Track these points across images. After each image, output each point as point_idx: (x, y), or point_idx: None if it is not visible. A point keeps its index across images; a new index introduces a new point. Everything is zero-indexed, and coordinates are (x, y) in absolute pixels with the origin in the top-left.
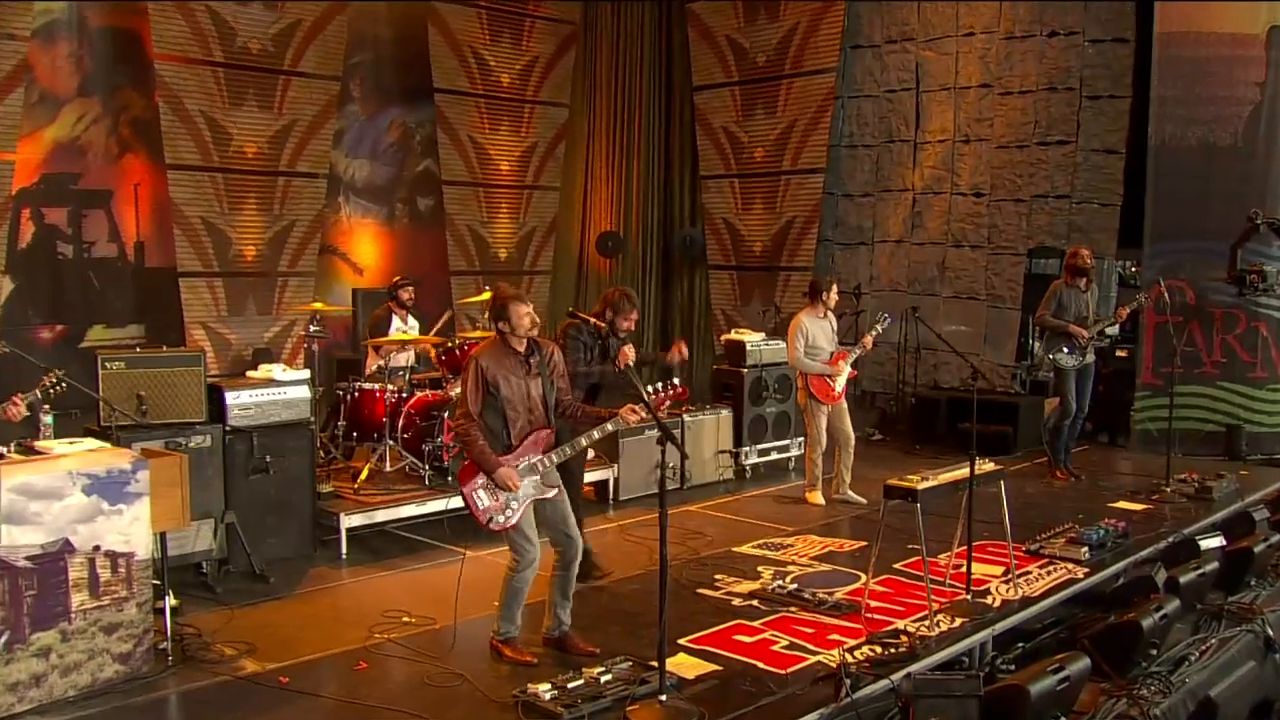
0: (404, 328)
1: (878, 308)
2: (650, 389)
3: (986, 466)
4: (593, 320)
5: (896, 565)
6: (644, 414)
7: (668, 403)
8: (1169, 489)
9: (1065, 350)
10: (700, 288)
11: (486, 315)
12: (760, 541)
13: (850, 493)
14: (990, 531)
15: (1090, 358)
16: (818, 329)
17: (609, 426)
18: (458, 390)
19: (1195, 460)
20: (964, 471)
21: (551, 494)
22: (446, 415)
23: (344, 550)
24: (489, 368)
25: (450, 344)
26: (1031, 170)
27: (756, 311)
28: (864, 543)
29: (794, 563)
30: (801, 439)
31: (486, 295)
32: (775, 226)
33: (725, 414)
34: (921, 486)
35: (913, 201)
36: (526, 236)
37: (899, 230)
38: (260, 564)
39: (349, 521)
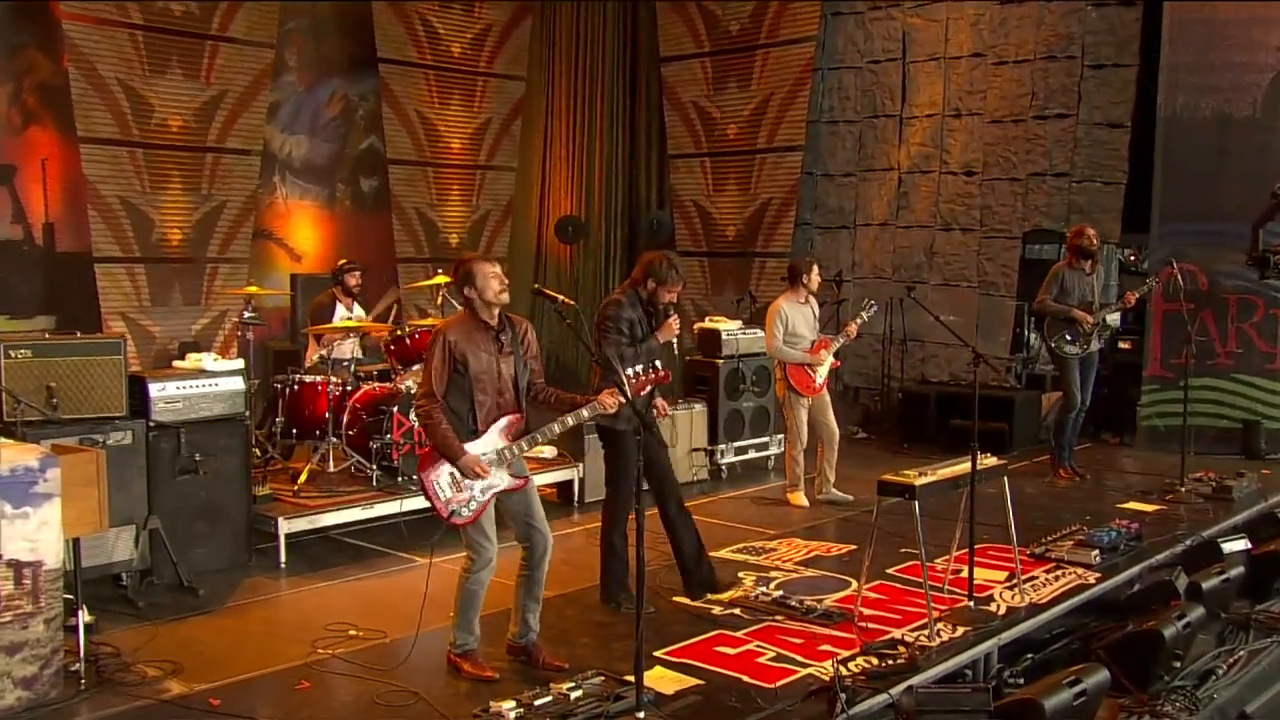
0: (349, 316)
1: (861, 296)
2: (630, 372)
3: (988, 461)
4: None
5: (890, 570)
6: (622, 398)
7: (648, 387)
8: (1184, 489)
9: (1068, 338)
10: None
11: (437, 303)
12: (740, 546)
13: (835, 492)
14: (990, 534)
15: (1095, 346)
16: (798, 315)
17: (585, 413)
18: (408, 383)
19: (1209, 459)
20: (964, 467)
21: (518, 484)
22: (396, 409)
23: (283, 558)
24: (457, 342)
25: (400, 332)
26: (1028, 146)
27: (730, 301)
28: (853, 546)
29: (778, 568)
30: (781, 436)
31: (439, 279)
32: (750, 209)
33: (699, 409)
34: (919, 482)
35: (898, 181)
36: (480, 221)
37: (883, 213)
38: (188, 574)
39: (288, 527)
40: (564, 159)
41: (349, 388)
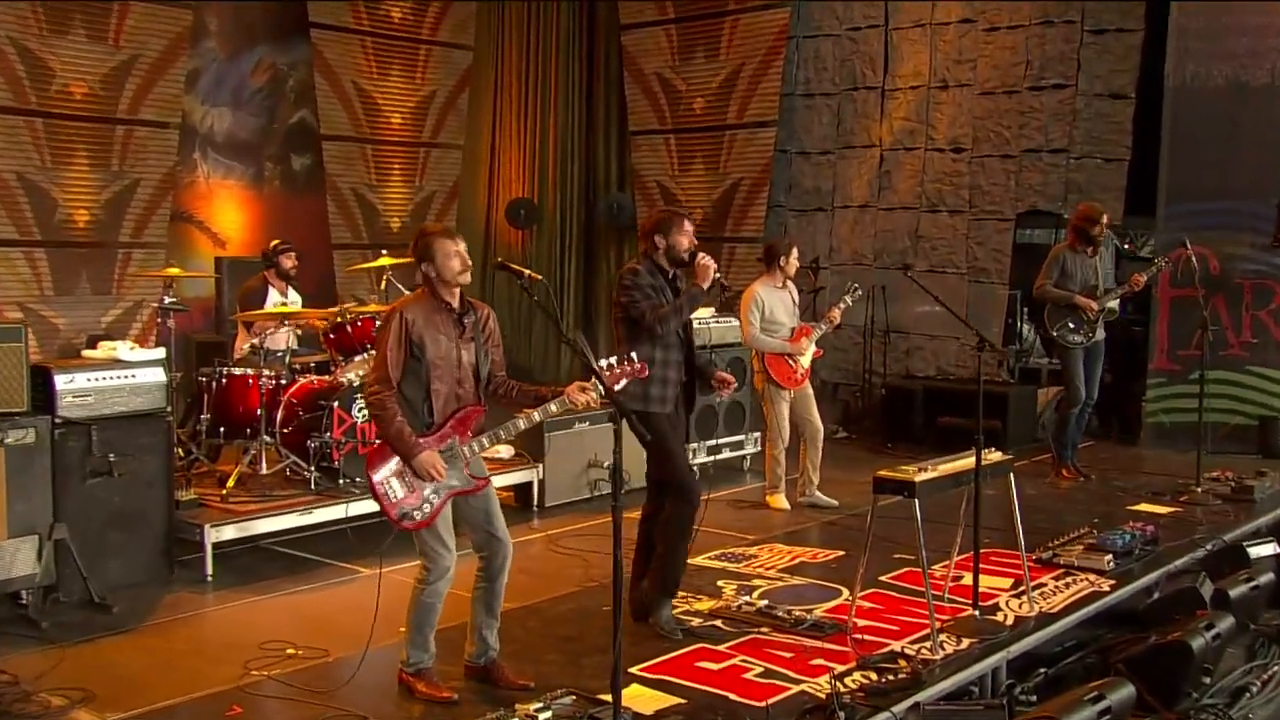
0: (284, 302)
1: (839, 284)
2: (605, 363)
3: (993, 456)
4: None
5: (884, 578)
6: (594, 393)
7: (623, 380)
8: (1200, 489)
9: (1071, 326)
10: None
11: (380, 287)
12: (717, 552)
13: (819, 495)
14: (991, 538)
15: (1100, 335)
16: (775, 300)
17: (552, 408)
18: (350, 376)
19: (1224, 458)
20: (968, 462)
21: (477, 486)
22: (337, 404)
23: (209, 571)
24: (415, 321)
25: (341, 319)
26: (1022, 120)
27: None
28: (840, 552)
29: (760, 576)
30: (759, 434)
31: (383, 261)
32: (718, 190)
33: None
34: (920, 479)
35: (880, 159)
36: (424, 203)
37: (864, 193)
38: (100, 590)
39: (216, 535)
40: (515, 136)
41: (283, 381)
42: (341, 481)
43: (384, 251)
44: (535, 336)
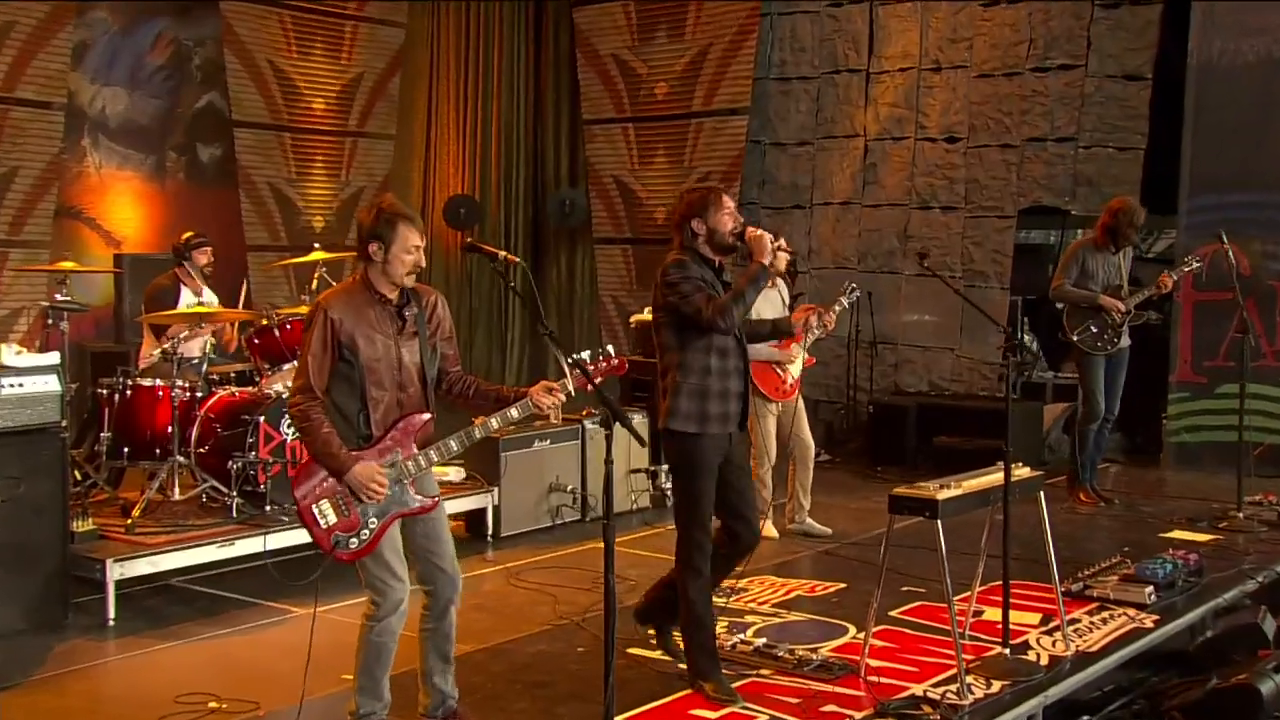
0: (200, 302)
1: (822, 289)
2: (573, 359)
3: (1021, 473)
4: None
5: (893, 612)
6: (563, 394)
7: (599, 379)
8: (1242, 514)
9: (1093, 330)
10: (583, 268)
11: (312, 286)
12: None
13: (811, 521)
14: (1015, 568)
15: (1125, 342)
16: (763, 301)
17: (513, 413)
18: (278, 387)
19: (1260, 481)
20: (994, 478)
21: (425, 507)
22: (263, 419)
23: (111, 614)
24: (342, 320)
25: (266, 321)
26: (1024, 106)
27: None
28: (841, 584)
29: (753, 612)
30: None
31: (316, 255)
32: (683, 187)
33: (638, 420)
34: (943, 497)
35: (865, 151)
36: (351, 200)
37: (847, 188)
38: None
39: (119, 572)
40: (453, 125)
41: (199, 394)
42: (268, 508)
43: (316, 245)
44: (478, 338)
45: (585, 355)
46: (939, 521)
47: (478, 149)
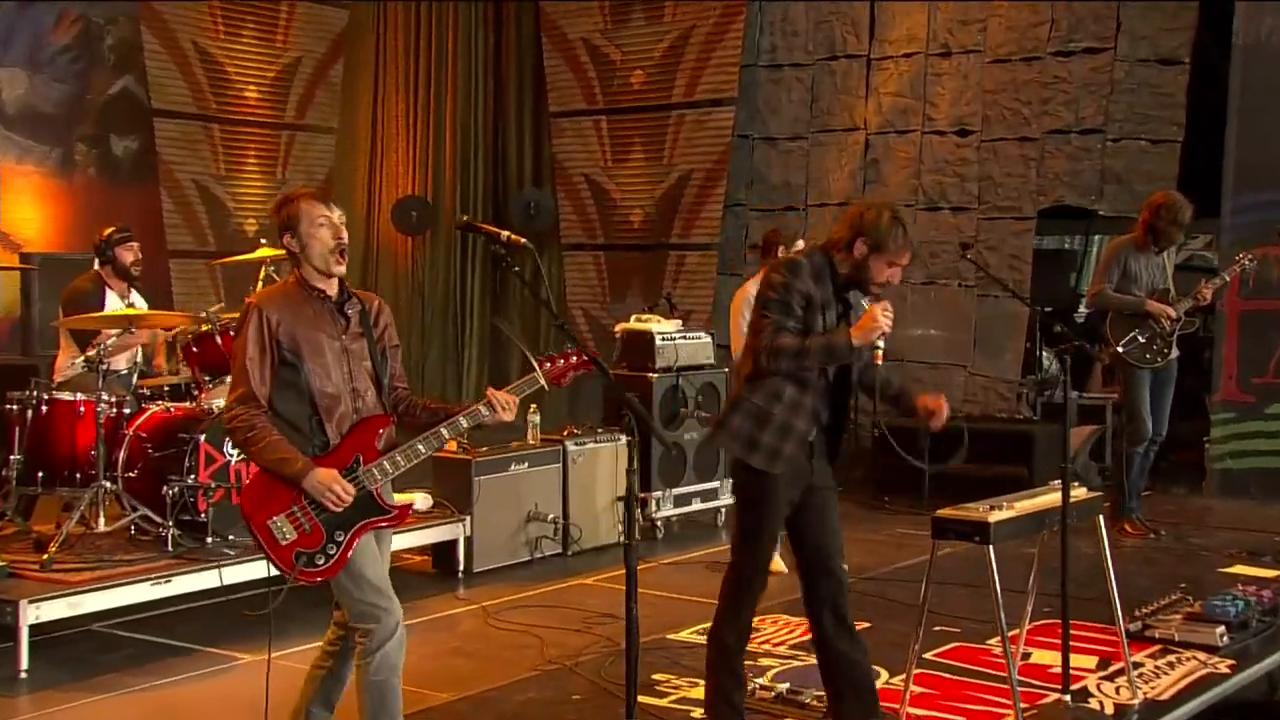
0: (130, 304)
1: None
2: (544, 354)
3: (1079, 494)
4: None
5: (927, 655)
6: (514, 396)
7: (569, 375)
8: None
9: (1141, 340)
10: (551, 277)
11: (256, 288)
12: (706, 625)
13: None
14: (1054, 605)
15: (1174, 353)
16: None
17: (463, 422)
18: (218, 400)
19: None
20: (1051, 499)
21: (391, 518)
22: (204, 438)
23: (24, 664)
24: (280, 321)
25: (206, 327)
26: (1045, 94)
27: (637, 308)
28: (864, 623)
29: (769, 654)
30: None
31: (263, 252)
32: (663, 185)
33: (624, 443)
34: (995, 519)
35: (865, 145)
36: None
37: (845, 187)
38: None
39: (34, 615)
40: (403, 118)
41: (127, 410)
42: (210, 540)
43: (263, 241)
44: (432, 354)
45: (546, 354)
46: (990, 548)
47: (430, 145)
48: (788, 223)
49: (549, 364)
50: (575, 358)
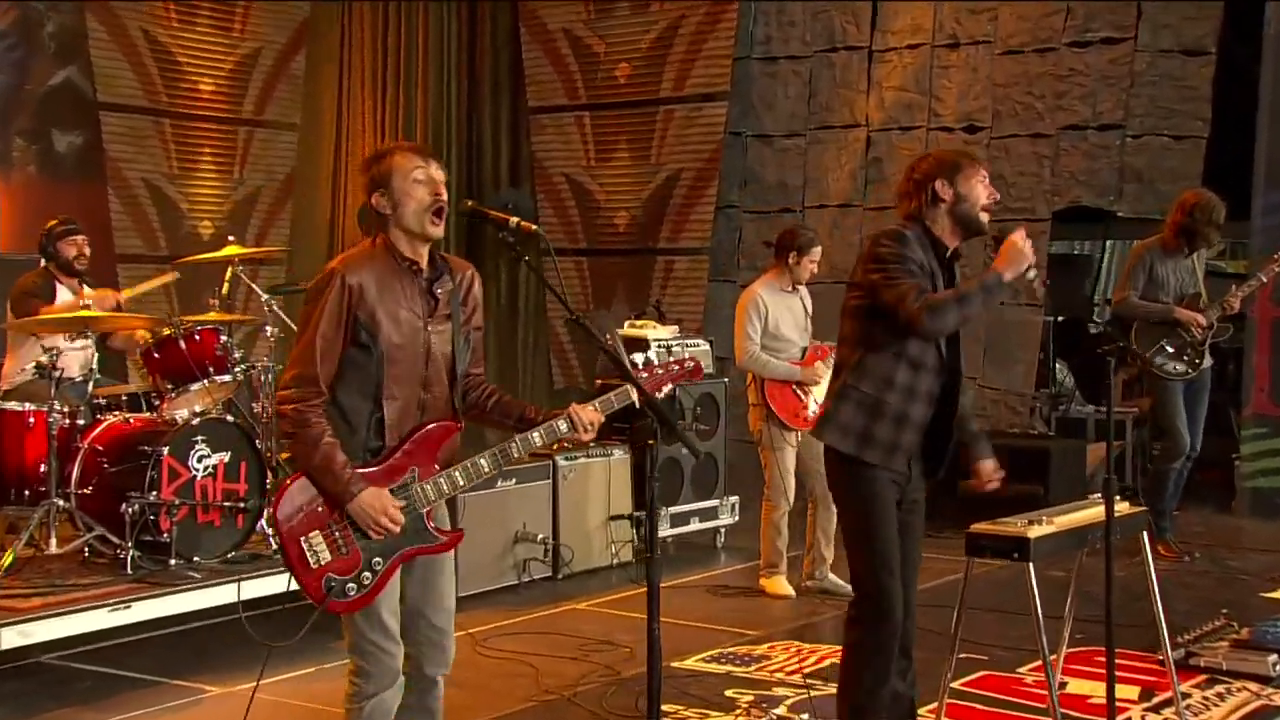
0: (85, 304)
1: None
2: (640, 359)
3: (1122, 507)
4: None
5: (955, 684)
6: (600, 414)
7: (666, 385)
8: None
9: (1170, 350)
10: (529, 284)
11: (222, 291)
12: (713, 653)
13: (834, 577)
14: (1086, 632)
15: (1207, 362)
16: (783, 308)
17: (535, 438)
18: (182, 412)
19: None
20: (1093, 513)
21: (442, 544)
22: (167, 451)
23: None
24: (364, 290)
25: (169, 331)
26: (1060, 88)
27: (622, 318)
28: None
29: (782, 683)
30: (735, 499)
31: (229, 250)
32: (650, 186)
33: (619, 457)
34: (1035, 534)
35: (867, 143)
36: (246, 201)
37: (846, 189)
38: None
39: None
40: (370, 114)
41: (82, 421)
42: (174, 562)
43: (230, 239)
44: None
45: (641, 359)
46: (1030, 565)
47: (400, 141)
48: (807, 228)
49: (646, 374)
50: (678, 366)
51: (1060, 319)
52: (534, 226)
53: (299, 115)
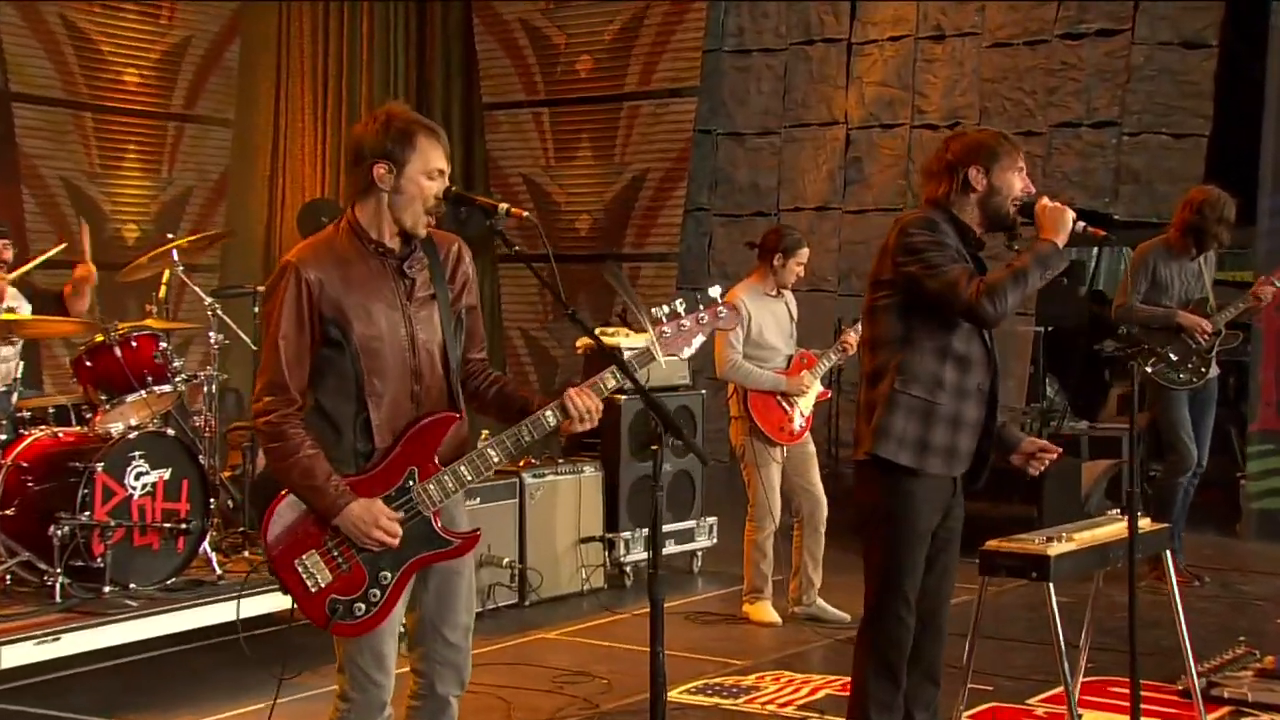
0: (12, 308)
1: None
2: (663, 310)
3: (1143, 523)
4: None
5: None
6: (599, 397)
7: (698, 337)
8: None
9: (1173, 359)
10: (484, 291)
11: (159, 295)
12: (698, 684)
13: (823, 604)
14: (1100, 661)
15: (1213, 372)
16: (766, 314)
17: (549, 418)
18: (117, 424)
19: None
20: (1114, 529)
21: (455, 549)
22: (101, 468)
23: None
24: (324, 284)
25: (102, 338)
26: (1052, 82)
27: (583, 329)
28: None
29: (775, 715)
30: (714, 520)
31: (176, 243)
32: (614, 187)
33: (590, 474)
34: (1055, 552)
35: (846, 142)
36: (175, 202)
37: (823, 190)
38: None
39: None
40: (311, 109)
41: (4, 436)
42: (108, 590)
43: (170, 236)
44: None
45: (665, 310)
46: (1050, 585)
47: (343, 139)
48: (793, 228)
49: (669, 328)
50: (707, 314)
51: (1049, 329)
52: (525, 213)
53: (233, 110)
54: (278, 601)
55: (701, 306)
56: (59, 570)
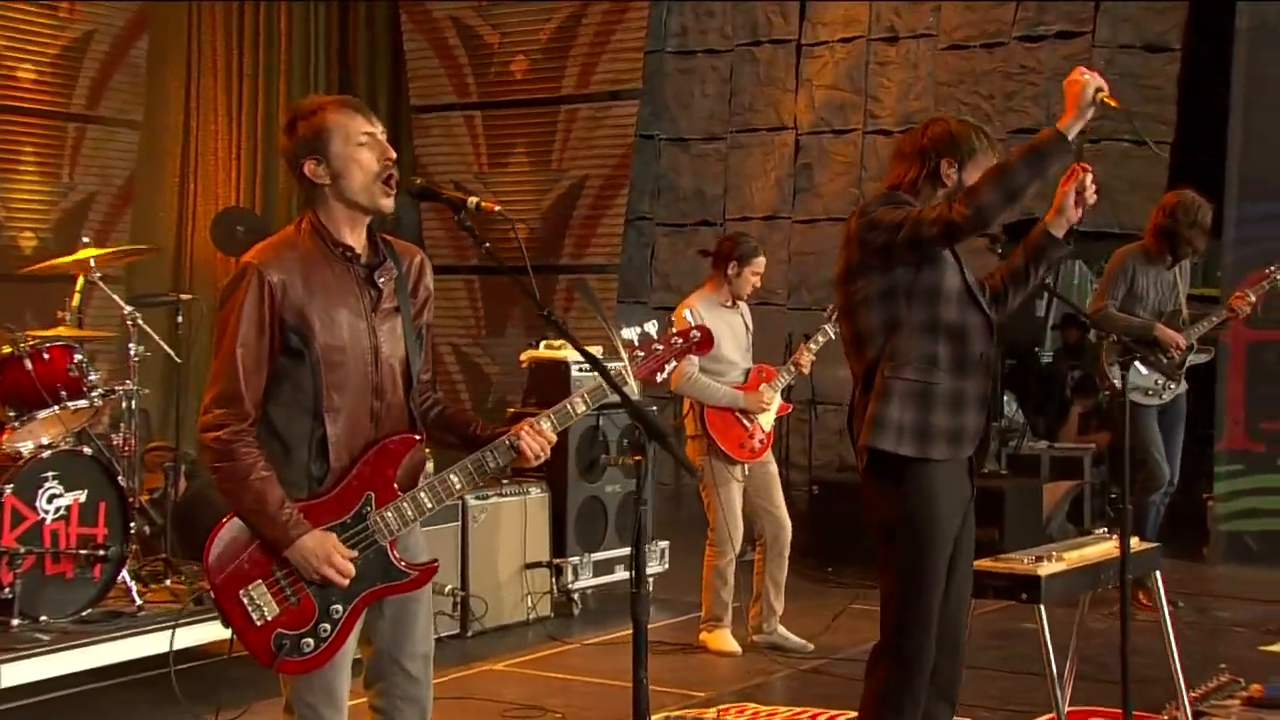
0: None
1: None
2: (633, 334)
3: (1134, 543)
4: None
5: None
6: (552, 434)
7: (670, 362)
8: None
9: (1143, 371)
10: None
11: (72, 303)
12: (658, 717)
13: (785, 631)
14: (1085, 690)
15: (1182, 388)
16: (721, 326)
17: (492, 457)
18: (26, 443)
19: None
20: (1105, 548)
21: (411, 582)
22: (10, 490)
23: None
24: (288, 285)
25: (10, 349)
26: (1010, 86)
27: (519, 344)
28: (849, 712)
29: None
30: (666, 544)
31: (85, 253)
32: (551, 195)
33: (536, 496)
34: (1045, 572)
35: (795, 148)
36: (76, 209)
37: (771, 199)
38: None
39: None
40: (225, 111)
41: None
42: (16, 623)
43: (85, 240)
44: None
45: (637, 333)
46: (1041, 607)
47: (260, 145)
48: (749, 235)
49: (643, 352)
50: (680, 338)
51: (1007, 346)
52: (496, 207)
53: (140, 111)
54: (209, 632)
55: (673, 329)
56: None
